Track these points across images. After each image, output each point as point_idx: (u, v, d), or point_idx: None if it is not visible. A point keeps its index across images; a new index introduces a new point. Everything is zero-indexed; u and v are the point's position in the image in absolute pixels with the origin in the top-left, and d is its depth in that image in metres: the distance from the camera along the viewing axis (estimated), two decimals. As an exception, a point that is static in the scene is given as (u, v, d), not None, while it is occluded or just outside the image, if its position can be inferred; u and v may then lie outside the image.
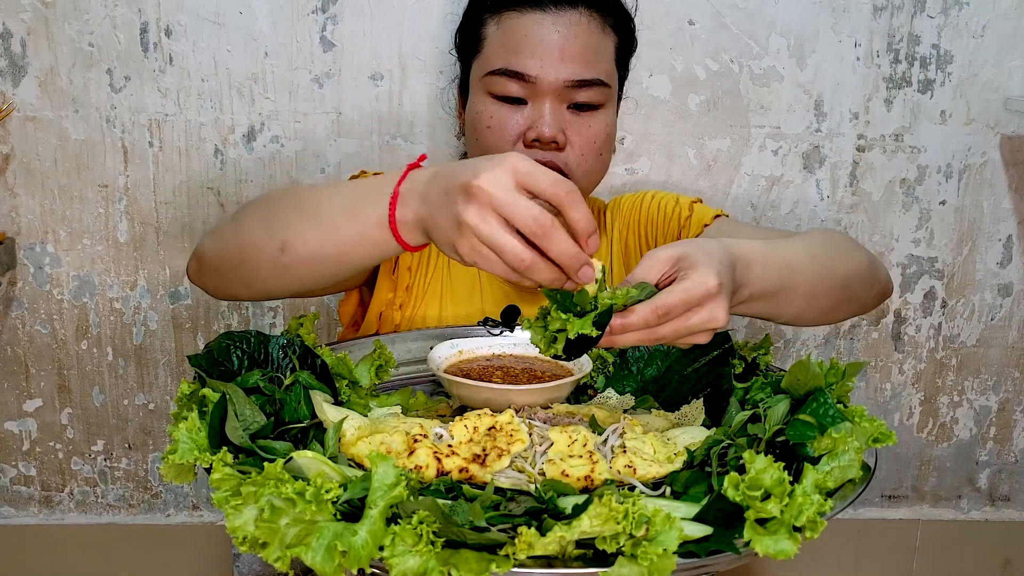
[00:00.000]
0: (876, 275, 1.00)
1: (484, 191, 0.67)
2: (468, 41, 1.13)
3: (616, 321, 0.69)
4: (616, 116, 1.15)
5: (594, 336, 0.69)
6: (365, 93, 1.41)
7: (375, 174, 1.15)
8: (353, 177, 1.17)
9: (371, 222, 0.76)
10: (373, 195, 0.76)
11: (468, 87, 1.14)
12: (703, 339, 0.73)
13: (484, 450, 0.72)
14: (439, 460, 0.71)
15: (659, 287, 0.73)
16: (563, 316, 0.69)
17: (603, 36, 1.08)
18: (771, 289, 0.82)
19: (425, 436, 0.74)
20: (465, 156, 1.41)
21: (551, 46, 1.04)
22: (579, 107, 1.07)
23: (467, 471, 0.71)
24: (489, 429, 0.75)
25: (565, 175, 1.08)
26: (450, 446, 0.73)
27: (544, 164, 1.04)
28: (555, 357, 0.73)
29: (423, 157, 0.81)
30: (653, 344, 0.73)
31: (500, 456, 0.72)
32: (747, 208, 1.49)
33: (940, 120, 1.47)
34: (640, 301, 0.70)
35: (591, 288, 0.70)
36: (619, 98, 1.16)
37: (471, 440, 0.75)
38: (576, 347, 0.71)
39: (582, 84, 1.06)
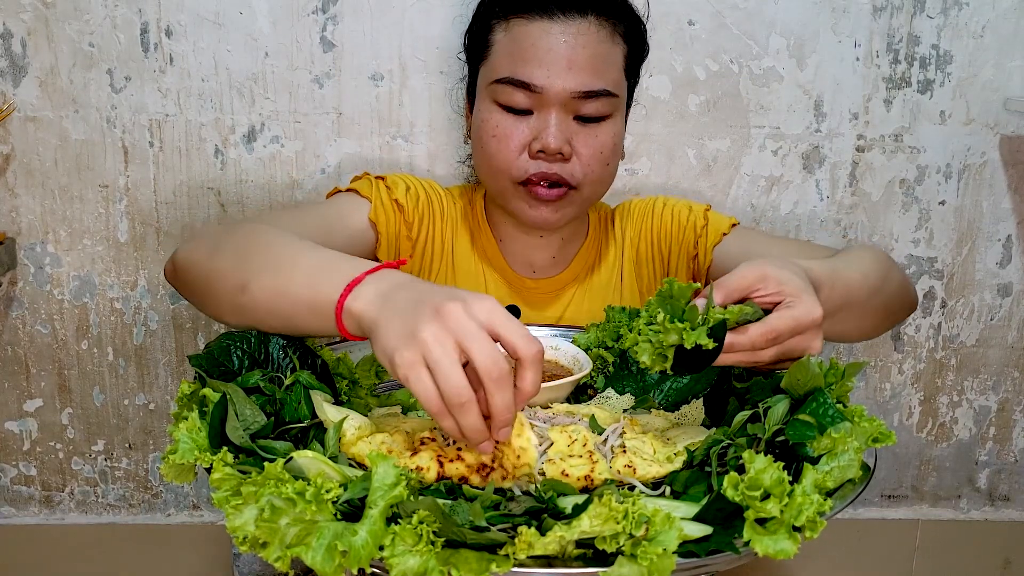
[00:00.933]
0: (908, 292, 1.03)
1: (456, 315, 0.64)
2: (476, 46, 1.12)
3: (728, 337, 0.69)
4: (625, 124, 1.14)
5: (711, 348, 0.66)
6: (365, 93, 1.41)
7: (377, 177, 1.15)
8: (356, 179, 1.17)
9: (321, 297, 0.74)
10: (336, 272, 0.75)
11: (475, 91, 1.14)
12: (789, 365, 0.74)
13: (492, 462, 0.72)
14: (441, 464, 0.71)
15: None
16: (679, 325, 0.66)
17: (612, 45, 1.07)
18: (832, 311, 0.82)
19: (434, 440, 0.74)
20: (470, 158, 1.42)
21: (558, 56, 1.03)
22: (586, 118, 1.06)
23: (467, 480, 0.71)
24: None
25: (572, 187, 1.08)
26: (459, 450, 0.72)
27: (549, 177, 1.06)
28: (661, 374, 0.70)
29: (403, 262, 0.81)
30: (749, 366, 0.73)
31: (504, 479, 0.71)
32: (747, 208, 1.49)
33: (940, 120, 1.48)
34: (750, 321, 0.70)
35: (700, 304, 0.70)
36: (628, 105, 1.15)
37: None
38: (689, 361, 0.68)
39: (589, 95, 1.04)
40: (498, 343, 0.66)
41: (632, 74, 1.13)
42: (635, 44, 1.12)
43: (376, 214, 1.11)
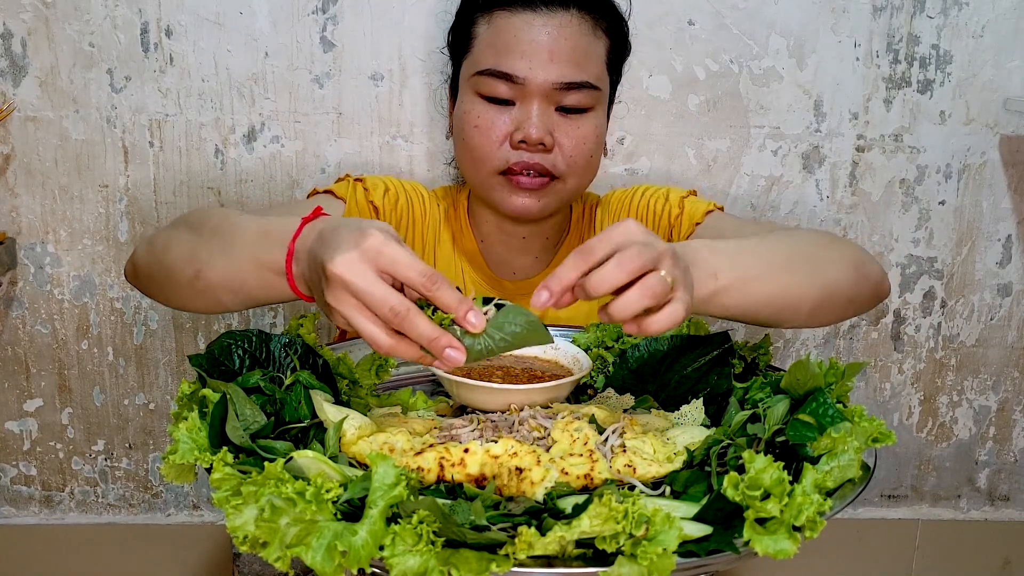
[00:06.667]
0: (864, 272, 0.95)
1: (339, 278, 0.66)
2: (459, 40, 1.13)
3: (553, 283, 0.68)
4: (607, 120, 1.14)
5: None
6: (365, 93, 1.41)
7: (356, 179, 1.14)
8: (338, 180, 1.16)
9: (271, 271, 0.78)
10: (273, 244, 0.77)
11: (458, 86, 1.14)
12: (660, 288, 0.69)
13: (494, 477, 0.71)
14: (442, 467, 0.71)
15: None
16: None
17: (594, 39, 1.07)
18: (742, 278, 0.80)
19: (441, 444, 0.74)
20: (453, 159, 1.41)
21: (540, 47, 1.04)
22: (567, 110, 1.07)
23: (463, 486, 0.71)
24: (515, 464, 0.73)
25: (555, 177, 1.08)
26: (466, 450, 0.72)
27: (531, 166, 1.05)
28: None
29: (318, 210, 0.80)
30: (619, 316, 0.69)
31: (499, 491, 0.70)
32: (747, 208, 1.49)
33: (939, 120, 1.48)
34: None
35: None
36: (611, 102, 1.15)
37: (488, 459, 0.73)
38: None
39: (571, 86, 1.05)
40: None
41: (614, 70, 1.13)
42: (617, 40, 1.12)
43: (349, 215, 1.10)
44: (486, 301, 0.72)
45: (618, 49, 1.13)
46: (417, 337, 0.66)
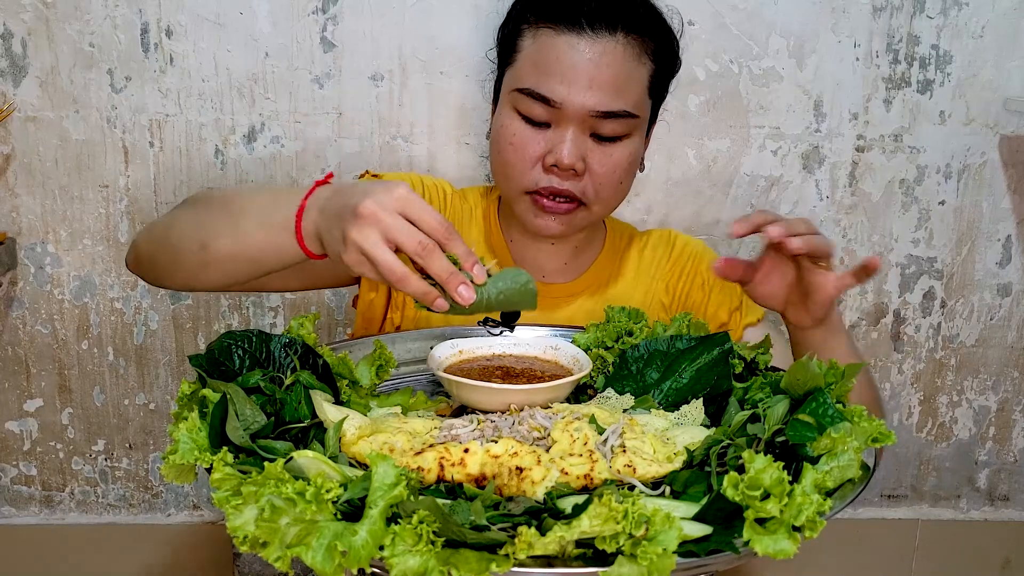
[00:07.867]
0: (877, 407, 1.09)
1: (372, 215, 0.76)
2: (505, 47, 1.12)
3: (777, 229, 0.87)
4: (645, 141, 1.12)
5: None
6: (365, 93, 1.41)
7: (377, 175, 1.15)
8: (360, 177, 1.16)
9: (279, 230, 0.84)
10: (283, 206, 0.84)
11: (499, 91, 1.14)
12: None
13: (494, 477, 0.71)
14: (442, 467, 0.71)
15: None
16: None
17: (638, 65, 1.05)
18: (841, 336, 1.01)
19: (441, 444, 0.74)
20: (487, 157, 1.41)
21: (580, 72, 1.02)
22: (602, 137, 1.05)
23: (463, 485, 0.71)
24: (516, 465, 0.73)
25: (582, 204, 1.07)
26: (466, 450, 0.72)
27: (559, 192, 1.06)
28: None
29: (330, 175, 0.88)
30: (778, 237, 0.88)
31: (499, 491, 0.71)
32: (747, 208, 1.49)
33: (939, 120, 1.48)
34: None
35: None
36: (653, 121, 1.14)
37: (488, 458, 0.73)
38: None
39: (607, 115, 1.03)
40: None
41: (658, 92, 1.12)
42: (664, 61, 1.10)
43: None
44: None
45: (665, 70, 1.11)
46: (436, 272, 0.76)
